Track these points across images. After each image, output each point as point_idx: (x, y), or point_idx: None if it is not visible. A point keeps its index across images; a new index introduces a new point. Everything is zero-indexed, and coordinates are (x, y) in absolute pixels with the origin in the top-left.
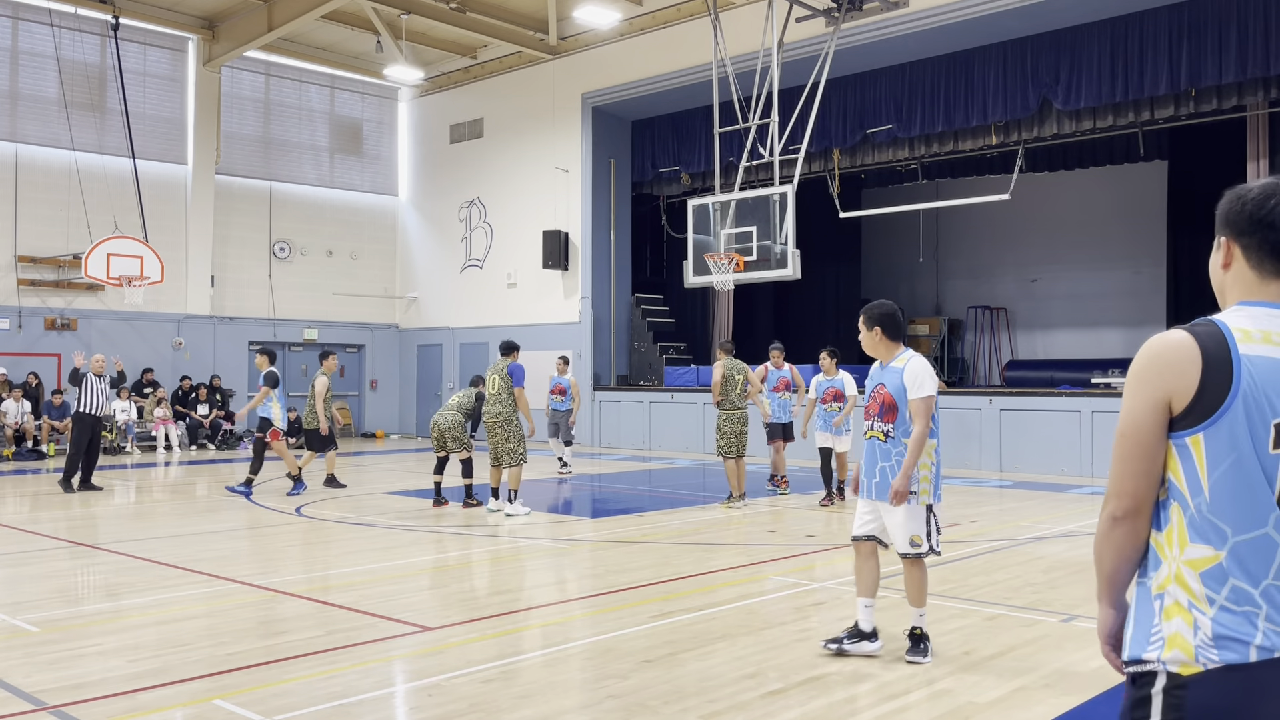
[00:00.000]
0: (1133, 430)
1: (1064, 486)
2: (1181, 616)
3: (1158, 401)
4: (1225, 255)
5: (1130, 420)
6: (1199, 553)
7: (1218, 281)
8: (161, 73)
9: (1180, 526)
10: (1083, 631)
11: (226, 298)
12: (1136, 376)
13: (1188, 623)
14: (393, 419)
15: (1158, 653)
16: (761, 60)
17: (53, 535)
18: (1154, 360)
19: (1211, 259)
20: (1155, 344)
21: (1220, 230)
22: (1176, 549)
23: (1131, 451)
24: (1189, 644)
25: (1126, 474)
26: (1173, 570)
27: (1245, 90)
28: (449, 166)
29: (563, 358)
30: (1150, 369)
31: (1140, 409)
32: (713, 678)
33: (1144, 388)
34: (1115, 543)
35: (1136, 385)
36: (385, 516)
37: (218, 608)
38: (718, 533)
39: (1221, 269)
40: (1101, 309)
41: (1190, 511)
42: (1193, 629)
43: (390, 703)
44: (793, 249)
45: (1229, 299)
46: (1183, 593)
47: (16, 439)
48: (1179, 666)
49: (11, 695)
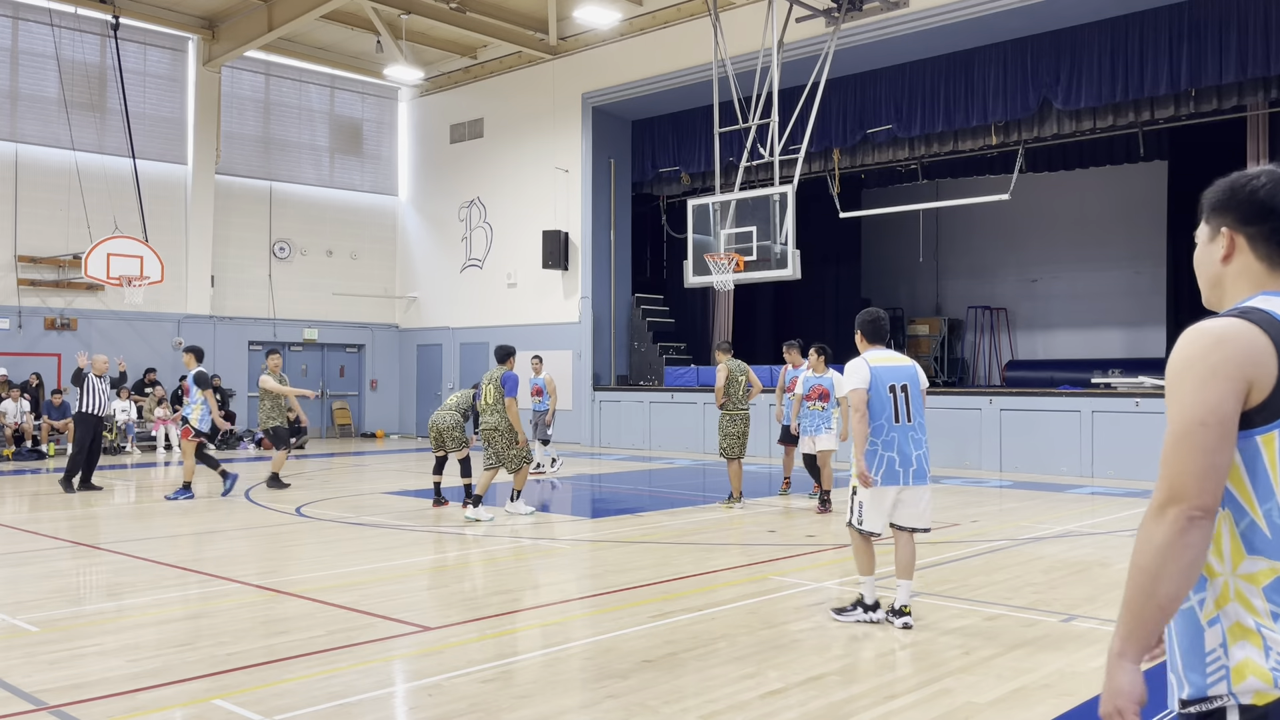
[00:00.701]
0: (1216, 420)
1: (1064, 486)
2: (1249, 639)
3: (1239, 390)
4: (1228, 246)
5: (1212, 408)
6: (1258, 566)
7: (1214, 274)
8: (161, 73)
9: (1232, 537)
10: (1083, 631)
11: (226, 298)
12: (1208, 362)
13: (1257, 645)
14: (393, 419)
15: (1224, 685)
16: (761, 60)
17: (53, 535)
18: (1227, 345)
19: (1203, 251)
20: (1218, 328)
21: (1217, 218)
22: (1229, 564)
23: (1217, 443)
24: (1264, 669)
25: (1211, 468)
26: (1229, 588)
27: (1245, 90)
28: (449, 166)
29: (536, 357)
30: (1226, 354)
31: (1222, 396)
32: (713, 678)
33: (1222, 374)
34: (1189, 550)
35: (1211, 371)
36: (385, 516)
37: (218, 608)
38: (718, 533)
39: (1221, 261)
40: (1101, 309)
41: (1248, 520)
42: (1264, 651)
43: (390, 702)
44: (793, 249)
45: (1231, 292)
46: (1246, 612)
47: (16, 439)
48: (1254, 696)
49: (11, 695)
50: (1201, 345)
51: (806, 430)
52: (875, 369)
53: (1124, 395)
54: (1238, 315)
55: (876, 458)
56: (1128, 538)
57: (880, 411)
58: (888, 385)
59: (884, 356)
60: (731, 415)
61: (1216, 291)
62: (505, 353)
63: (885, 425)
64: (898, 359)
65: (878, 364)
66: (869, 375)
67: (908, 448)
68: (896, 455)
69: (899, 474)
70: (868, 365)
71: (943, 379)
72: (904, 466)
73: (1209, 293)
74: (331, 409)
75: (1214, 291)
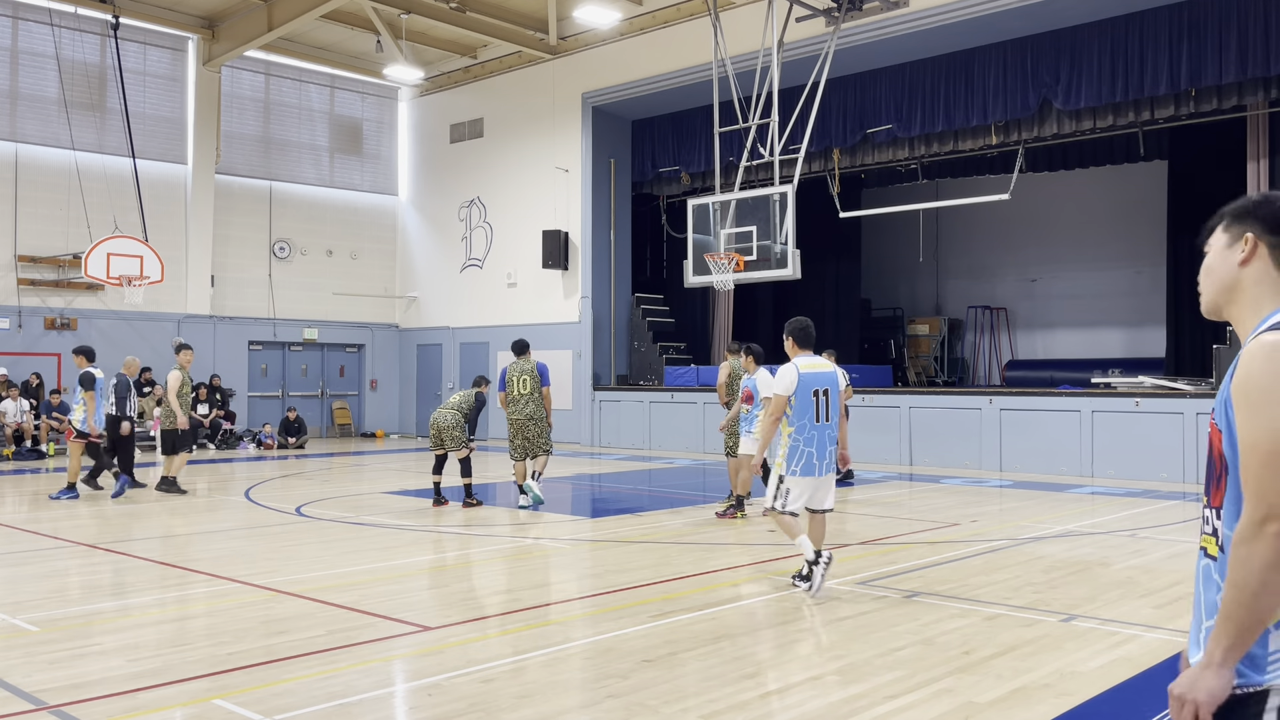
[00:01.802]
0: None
1: (1064, 486)
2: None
3: None
4: (1249, 252)
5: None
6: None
7: (1229, 277)
8: (161, 72)
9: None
10: (1083, 631)
11: (226, 297)
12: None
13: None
14: (392, 419)
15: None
16: (761, 60)
17: (53, 535)
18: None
19: (1218, 256)
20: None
21: (1241, 225)
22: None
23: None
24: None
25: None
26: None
27: (1245, 90)
28: (449, 166)
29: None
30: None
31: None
32: (713, 678)
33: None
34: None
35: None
36: (385, 516)
37: (218, 608)
38: (718, 533)
39: (1239, 265)
40: (1101, 309)
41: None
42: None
43: (390, 702)
44: (793, 249)
45: (1246, 297)
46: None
47: (16, 439)
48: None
49: (11, 695)
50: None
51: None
52: (803, 375)
53: (1124, 395)
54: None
55: (798, 453)
56: (1127, 537)
57: (804, 412)
58: (812, 390)
59: (811, 363)
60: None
61: (1227, 296)
62: (525, 345)
63: (808, 424)
64: (822, 365)
65: (806, 370)
66: (795, 380)
67: (825, 444)
68: (815, 450)
69: (816, 466)
70: (797, 371)
71: (943, 379)
72: (819, 460)
73: (1217, 297)
74: (331, 409)
75: (1225, 296)
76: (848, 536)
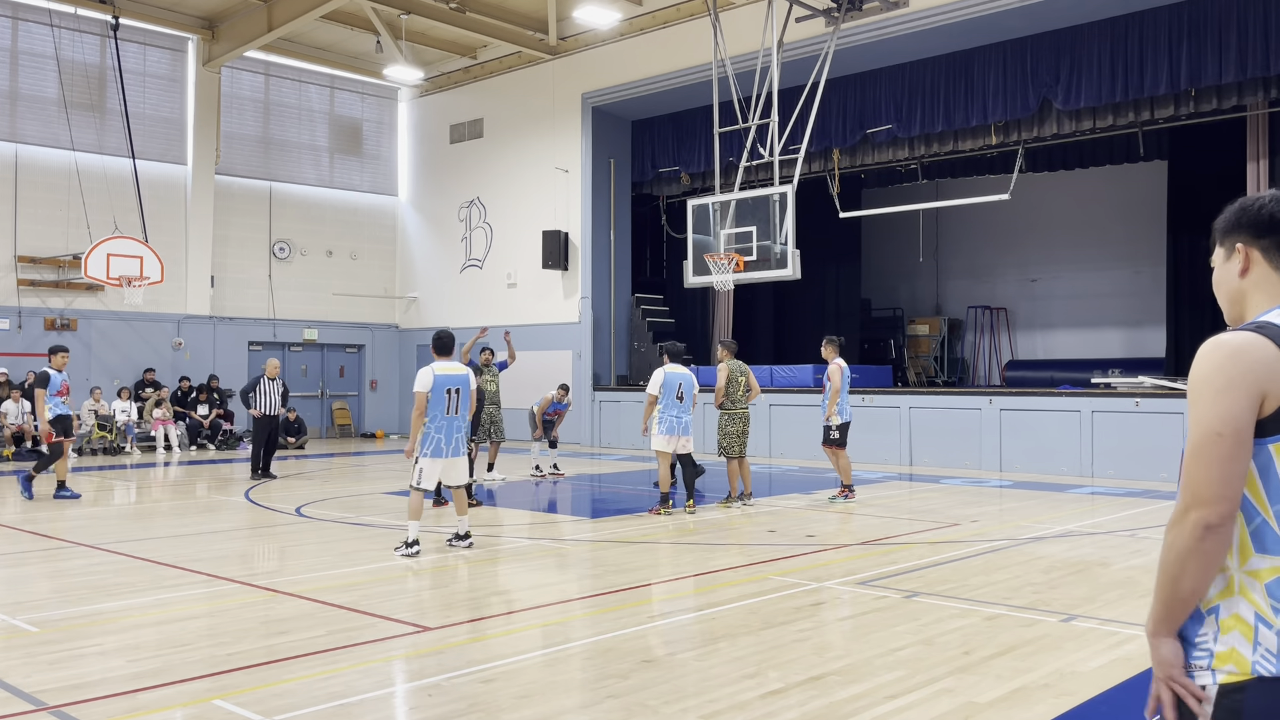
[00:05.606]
0: (1233, 430)
1: (1064, 486)
2: (1240, 630)
3: (1253, 401)
4: (1244, 262)
5: (1228, 419)
6: (1265, 564)
7: (1234, 289)
8: (161, 73)
9: (1243, 537)
10: (1083, 631)
11: (226, 298)
12: (1225, 375)
13: (1246, 637)
14: (392, 419)
15: (1206, 663)
16: (761, 60)
17: (53, 535)
18: (1242, 358)
19: (1221, 271)
20: (1234, 342)
21: (1231, 238)
22: (1236, 560)
23: (1233, 452)
24: (1245, 659)
25: (1228, 476)
26: (1235, 582)
27: (1245, 90)
28: (449, 166)
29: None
30: (1240, 367)
31: (1238, 407)
32: (713, 678)
33: (1238, 386)
34: (1207, 554)
35: (1227, 383)
36: (385, 516)
37: (218, 608)
38: (718, 533)
39: (1240, 276)
40: (1101, 309)
41: (1259, 521)
42: (1252, 644)
43: (390, 702)
44: (793, 249)
45: (1251, 304)
46: (1246, 606)
47: (16, 439)
48: (1226, 677)
49: (11, 695)
50: (1217, 358)
51: (674, 430)
52: (669, 375)
53: (1124, 395)
54: (1254, 329)
55: (667, 424)
56: (1127, 537)
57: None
58: (446, 389)
59: (675, 368)
60: (731, 414)
61: (1238, 307)
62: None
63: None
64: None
65: (671, 372)
66: (663, 381)
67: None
68: (680, 427)
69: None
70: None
71: (943, 379)
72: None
73: (1231, 309)
74: (331, 409)
75: (1235, 307)
76: (848, 536)
